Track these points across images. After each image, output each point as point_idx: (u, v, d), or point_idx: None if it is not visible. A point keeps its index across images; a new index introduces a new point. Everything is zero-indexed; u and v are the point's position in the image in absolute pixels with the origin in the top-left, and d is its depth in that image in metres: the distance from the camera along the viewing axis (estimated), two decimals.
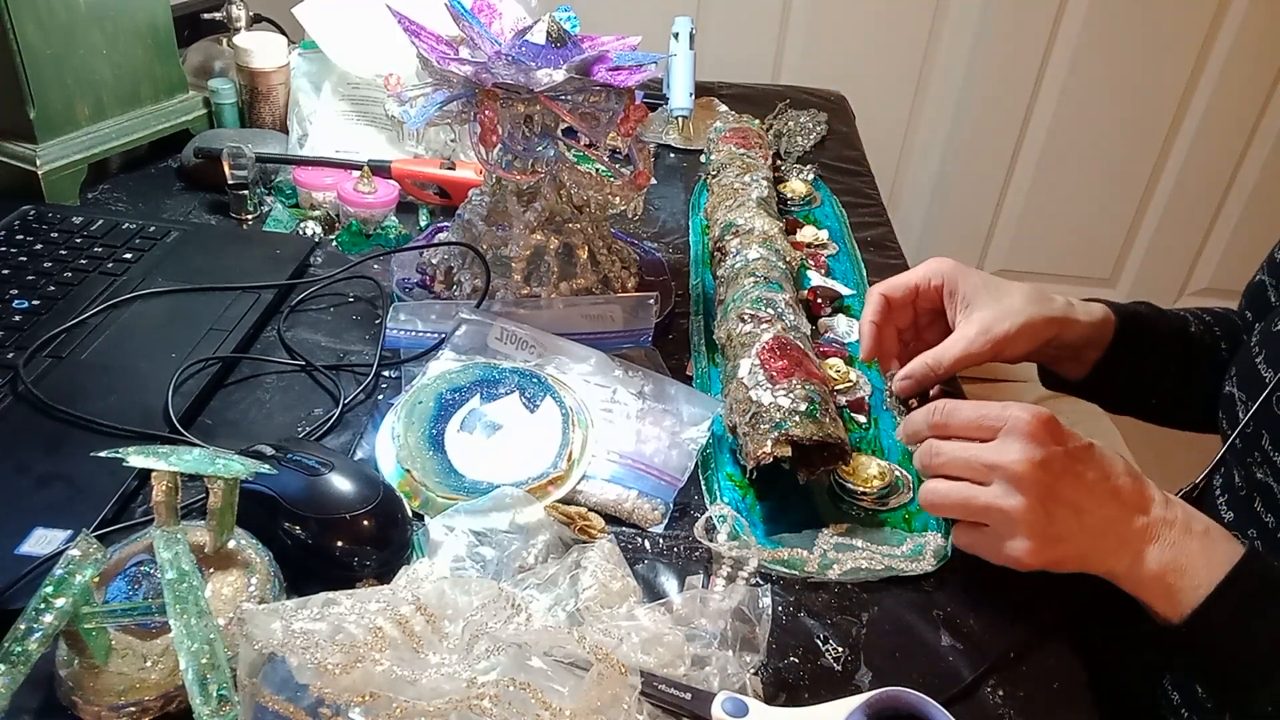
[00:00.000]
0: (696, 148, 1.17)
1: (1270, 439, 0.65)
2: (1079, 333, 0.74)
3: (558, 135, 0.74)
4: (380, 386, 0.73)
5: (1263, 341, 0.69)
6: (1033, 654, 0.57)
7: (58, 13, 0.88)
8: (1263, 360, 0.68)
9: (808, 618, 0.57)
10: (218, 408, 0.70)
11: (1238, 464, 0.69)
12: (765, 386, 0.64)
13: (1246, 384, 0.69)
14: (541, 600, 0.52)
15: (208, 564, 0.52)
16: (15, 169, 0.90)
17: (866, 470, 0.66)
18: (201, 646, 0.43)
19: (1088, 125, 1.81)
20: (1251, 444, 0.66)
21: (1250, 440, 0.66)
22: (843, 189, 1.11)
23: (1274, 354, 0.67)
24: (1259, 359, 0.68)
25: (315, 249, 0.89)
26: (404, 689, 0.43)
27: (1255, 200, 1.87)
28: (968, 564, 0.62)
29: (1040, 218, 1.91)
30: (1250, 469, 0.66)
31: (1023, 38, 1.73)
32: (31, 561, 0.53)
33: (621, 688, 0.45)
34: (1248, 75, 1.74)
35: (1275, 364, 0.66)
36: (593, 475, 0.64)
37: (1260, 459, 0.65)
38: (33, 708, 0.48)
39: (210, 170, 0.96)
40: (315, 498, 0.55)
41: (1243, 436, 0.67)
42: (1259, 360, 0.68)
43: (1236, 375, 0.70)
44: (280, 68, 1.05)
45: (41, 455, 0.61)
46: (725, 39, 1.75)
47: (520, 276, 0.77)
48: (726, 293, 0.77)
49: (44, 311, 0.75)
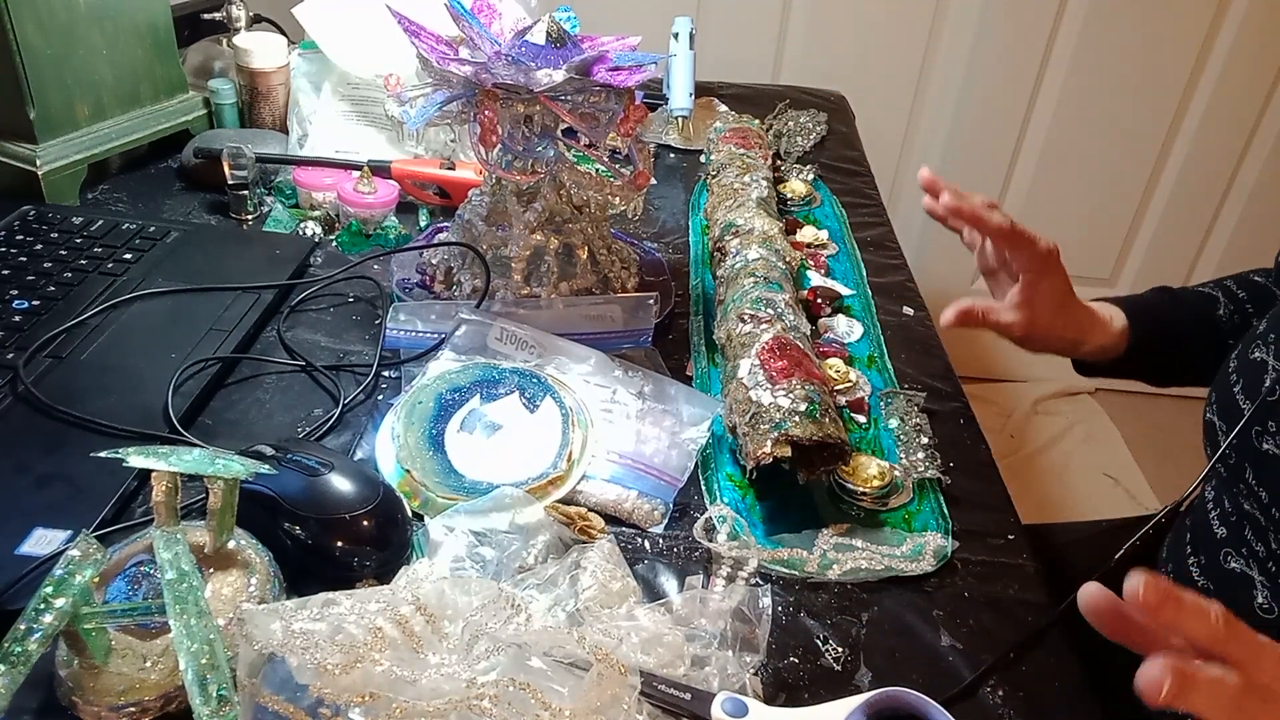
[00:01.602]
0: (696, 148, 1.17)
1: (1253, 474, 0.65)
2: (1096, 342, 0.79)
3: (558, 135, 0.74)
4: (380, 386, 0.73)
5: (1240, 369, 0.69)
6: (1033, 654, 0.56)
7: (58, 13, 0.88)
8: (1240, 390, 0.68)
9: (808, 618, 0.57)
10: (218, 408, 0.70)
11: (1225, 491, 0.69)
12: (765, 386, 0.64)
13: (1226, 413, 0.69)
14: (541, 600, 0.52)
15: (208, 564, 0.52)
16: (15, 169, 0.90)
17: (866, 470, 0.66)
18: (201, 647, 0.43)
19: (1088, 125, 1.81)
20: (1236, 475, 0.66)
21: (1235, 472, 0.66)
22: (843, 189, 1.11)
23: (1251, 383, 0.67)
24: (1236, 388, 0.68)
25: (315, 249, 0.89)
26: (404, 689, 0.43)
27: (1255, 200, 1.86)
28: (968, 564, 0.62)
29: (1040, 217, 1.91)
30: (1237, 499, 0.67)
31: (1023, 38, 1.73)
32: (31, 561, 0.53)
33: (621, 688, 0.45)
34: (1248, 75, 1.74)
35: (1251, 394, 0.66)
36: (593, 475, 0.64)
37: (1245, 491, 0.66)
38: (33, 708, 0.48)
39: (210, 170, 0.96)
40: (315, 498, 0.55)
41: (1227, 466, 0.67)
42: (1237, 390, 0.68)
43: (1216, 403, 0.70)
44: (280, 68, 1.05)
45: (41, 455, 0.61)
46: (725, 39, 1.75)
47: (520, 276, 0.77)
48: (726, 293, 0.77)
49: (44, 311, 0.75)
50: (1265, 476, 0.64)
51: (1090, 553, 0.87)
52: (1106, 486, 1.88)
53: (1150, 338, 0.80)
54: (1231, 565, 0.68)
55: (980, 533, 0.64)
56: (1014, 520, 0.66)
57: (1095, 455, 1.94)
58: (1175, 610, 0.43)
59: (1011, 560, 0.63)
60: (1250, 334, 0.70)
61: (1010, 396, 2.07)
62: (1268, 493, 0.64)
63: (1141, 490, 1.86)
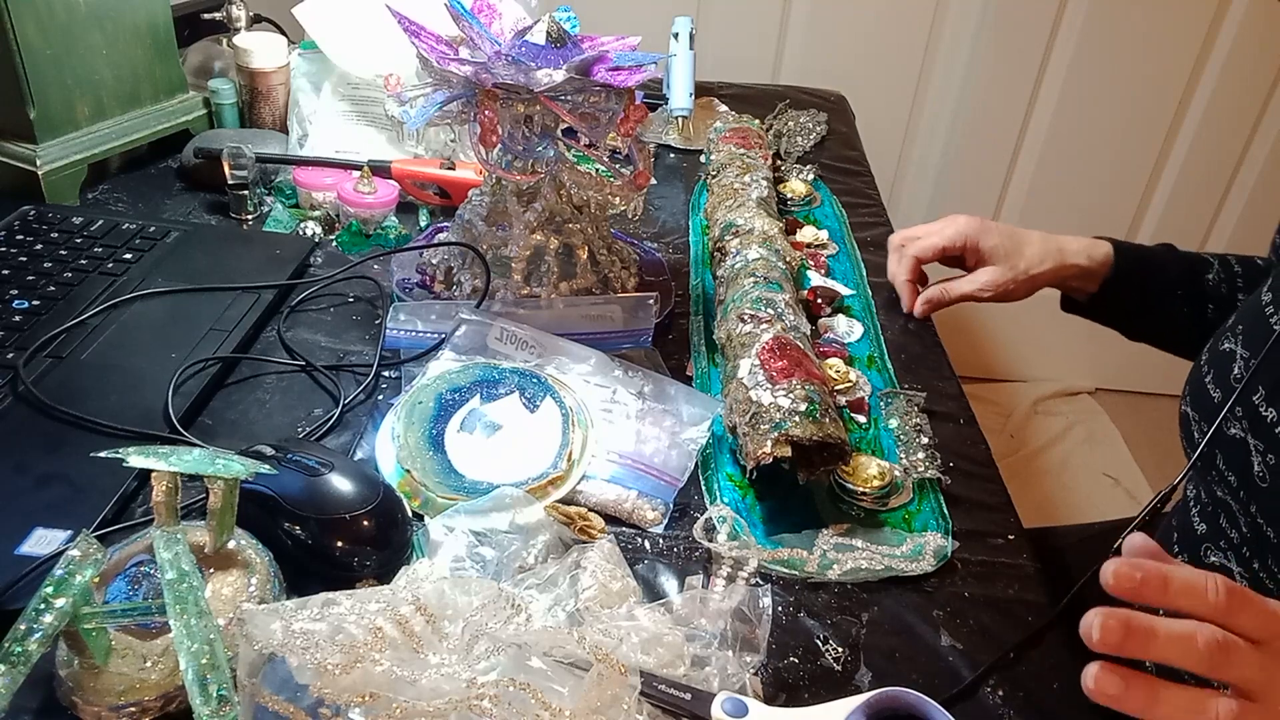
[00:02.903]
0: (696, 148, 1.17)
1: (1223, 459, 0.66)
2: (1075, 270, 0.87)
3: (558, 135, 0.74)
4: (380, 386, 0.73)
5: (1210, 361, 0.69)
6: (1033, 654, 0.57)
7: (58, 13, 0.88)
8: (1211, 380, 0.69)
9: (808, 618, 0.57)
10: (218, 408, 0.70)
11: (1200, 481, 0.69)
12: (765, 386, 0.64)
13: (1198, 404, 0.70)
14: (541, 600, 0.52)
15: (208, 564, 0.52)
16: (15, 169, 0.90)
17: (866, 470, 0.66)
18: (201, 647, 0.43)
19: (1088, 125, 1.81)
20: (1209, 463, 0.67)
21: (1207, 460, 0.67)
22: (843, 189, 1.11)
23: (1221, 374, 0.68)
24: (1208, 379, 0.69)
25: (315, 249, 0.89)
26: (404, 689, 0.43)
27: (1255, 200, 1.87)
28: (968, 564, 0.62)
29: (1041, 217, 1.91)
30: (1211, 487, 0.67)
31: (1023, 38, 1.73)
32: (31, 561, 0.53)
33: (621, 688, 0.45)
34: (1248, 75, 1.74)
35: (1222, 385, 0.67)
36: (593, 475, 0.64)
37: (1217, 478, 0.66)
38: (33, 708, 0.48)
39: (210, 170, 0.96)
40: (315, 498, 0.55)
41: (1201, 457, 0.67)
42: (1208, 380, 0.69)
43: (1189, 395, 0.71)
44: (280, 68, 1.05)
45: (41, 455, 0.61)
46: (725, 39, 1.75)
47: (520, 276, 0.77)
48: (726, 293, 0.77)
49: (44, 311, 0.75)
50: (1233, 460, 0.65)
51: (1090, 553, 0.87)
52: (1106, 486, 1.88)
53: (1133, 270, 0.86)
54: (1211, 559, 0.68)
55: (980, 533, 0.64)
56: (1014, 520, 0.66)
57: (1095, 455, 1.94)
58: (1160, 590, 0.40)
59: (1011, 560, 0.63)
60: (1221, 328, 0.71)
61: (1010, 396, 2.07)
62: (1235, 476, 0.64)
63: (1141, 490, 1.86)
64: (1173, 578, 0.40)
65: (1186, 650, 0.40)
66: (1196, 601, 0.41)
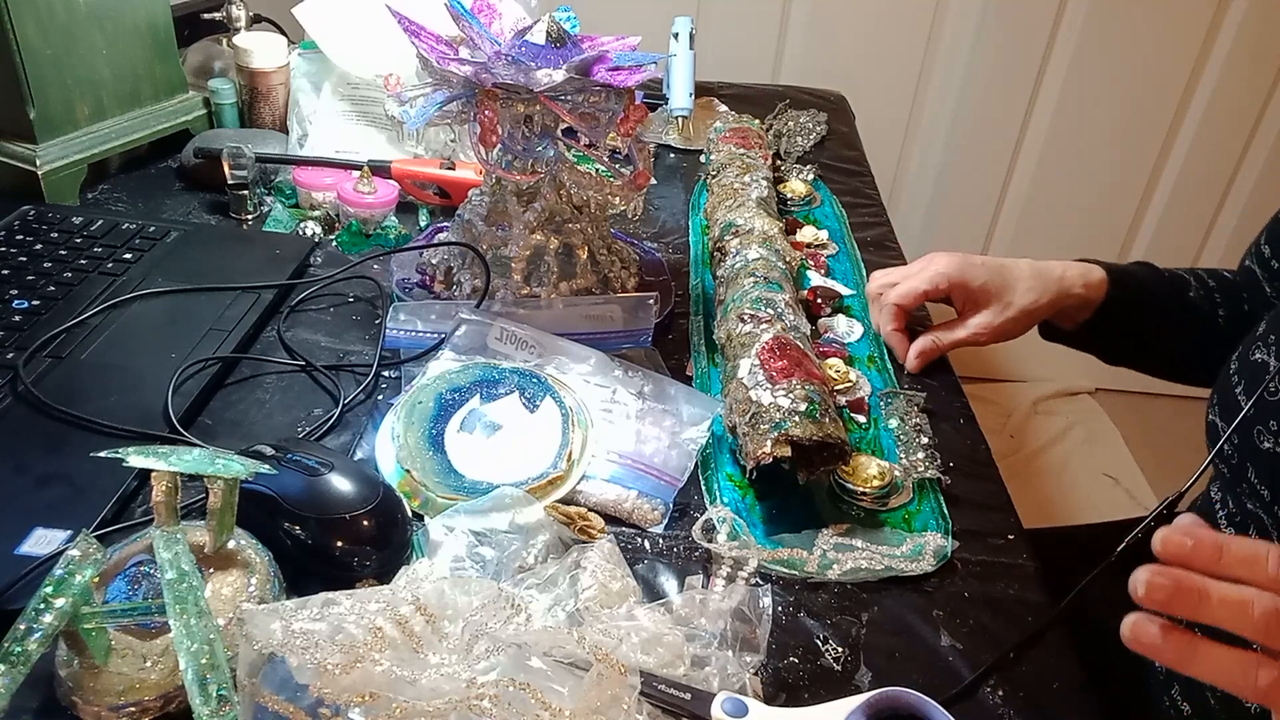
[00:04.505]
0: (696, 148, 1.17)
1: (1255, 472, 0.65)
2: (1074, 300, 0.82)
3: (558, 135, 0.74)
4: (380, 386, 0.73)
5: (1241, 370, 0.69)
6: (1033, 654, 0.56)
7: (58, 13, 0.88)
8: (1241, 391, 0.68)
9: (808, 618, 0.57)
10: (218, 408, 0.70)
11: (1229, 492, 0.69)
12: (765, 386, 0.64)
13: (1228, 414, 0.69)
14: (541, 600, 0.52)
15: (208, 564, 0.52)
16: (15, 169, 0.90)
17: (866, 470, 0.66)
18: (201, 646, 0.43)
19: (1088, 125, 1.81)
20: (1239, 475, 0.66)
21: (1237, 472, 0.66)
22: (843, 189, 1.11)
23: (1252, 384, 0.67)
24: (1238, 389, 0.68)
25: (315, 249, 0.89)
26: (404, 689, 0.43)
27: (1255, 201, 1.86)
28: (967, 564, 0.62)
29: (1040, 217, 1.91)
30: (1241, 499, 0.67)
31: (1023, 38, 1.73)
32: (31, 561, 0.53)
33: (621, 688, 0.45)
34: (1248, 75, 1.74)
35: (1252, 394, 0.66)
36: (592, 475, 0.64)
37: (1248, 490, 0.66)
38: (33, 708, 0.48)
39: (210, 170, 0.96)
40: (315, 498, 0.55)
41: (1230, 467, 0.67)
42: (1238, 391, 0.68)
43: (1218, 404, 0.70)
44: (280, 68, 1.05)
45: (41, 455, 0.61)
46: (725, 39, 1.75)
47: (520, 276, 0.77)
48: (726, 293, 0.77)
49: (44, 311, 0.75)
50: (1266, 475, 0.64)
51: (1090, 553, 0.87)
52: (1106, 486, 1.88)
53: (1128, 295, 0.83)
54: None
55: (980, 533, 0.64)
56: (1014, 520, 0.66)
57: (1095, 455, 1.94)
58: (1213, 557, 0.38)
59: (1011, 560, 0.63)
60: (1251, 335, 0.70)
61: (1010, 396, 2.07)
62: (1269, 491, 0.64)
63: (1141, 490, 1.86)
64: (1229, 544, 0.39)
65: (1240, 615, 0.38)
66: (1255, 571, 0.39)
